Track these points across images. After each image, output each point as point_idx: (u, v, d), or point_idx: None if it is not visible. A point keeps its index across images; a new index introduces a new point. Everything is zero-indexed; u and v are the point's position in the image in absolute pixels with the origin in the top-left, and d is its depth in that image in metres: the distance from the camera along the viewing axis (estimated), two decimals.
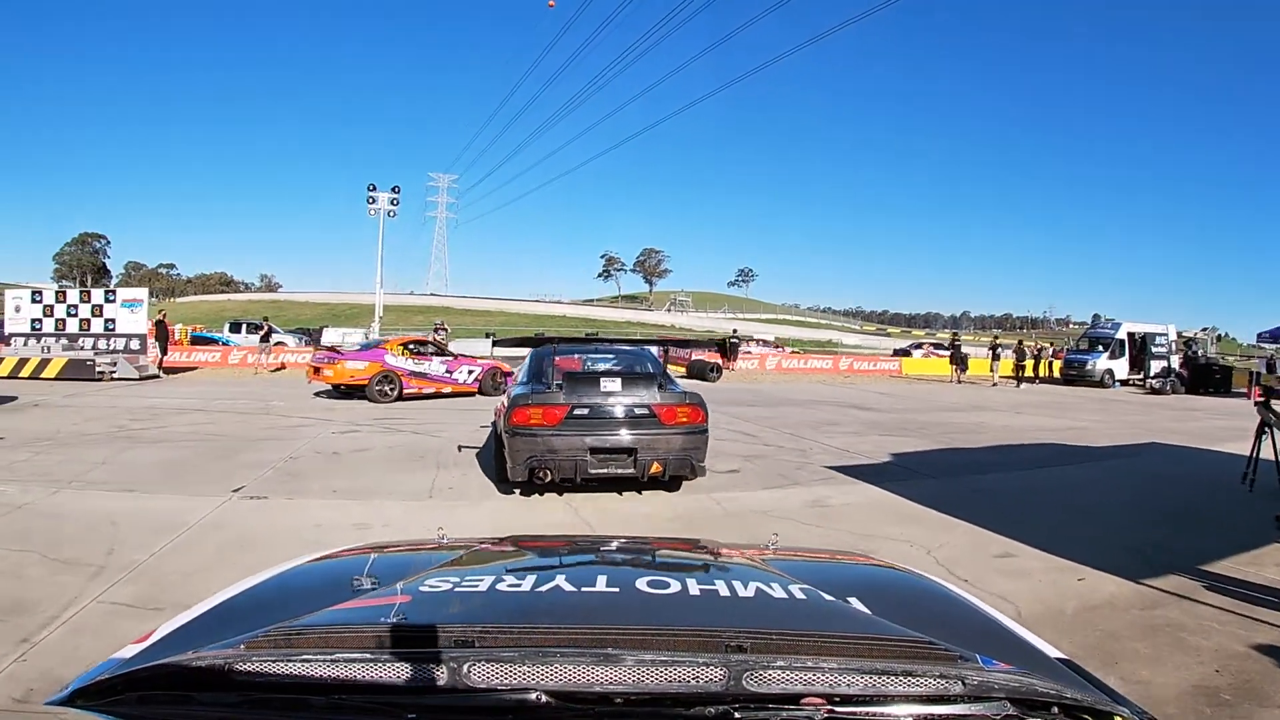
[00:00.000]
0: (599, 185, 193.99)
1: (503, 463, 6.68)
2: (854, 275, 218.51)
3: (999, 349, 26.56)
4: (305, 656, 1.04)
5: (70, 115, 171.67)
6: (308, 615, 1.21)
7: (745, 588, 1.38)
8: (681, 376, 23.80)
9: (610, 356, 7.83)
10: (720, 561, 1.81)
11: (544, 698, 0.96)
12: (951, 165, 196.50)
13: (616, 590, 1.39)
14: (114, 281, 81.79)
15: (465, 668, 0.99)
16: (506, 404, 6.76)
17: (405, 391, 15.02)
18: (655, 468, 6.52)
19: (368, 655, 1.05)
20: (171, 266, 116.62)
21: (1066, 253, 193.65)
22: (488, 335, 46.19)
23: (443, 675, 0.99)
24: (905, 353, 38.49)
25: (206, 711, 1.01)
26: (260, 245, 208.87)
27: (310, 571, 1.69)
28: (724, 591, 1.37)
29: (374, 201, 29.20)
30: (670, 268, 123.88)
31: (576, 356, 7.76)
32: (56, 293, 19.31)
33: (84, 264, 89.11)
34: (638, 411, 6.59)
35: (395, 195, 29.51)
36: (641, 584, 1.38)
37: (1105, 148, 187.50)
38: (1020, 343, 27.89)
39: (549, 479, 6.41)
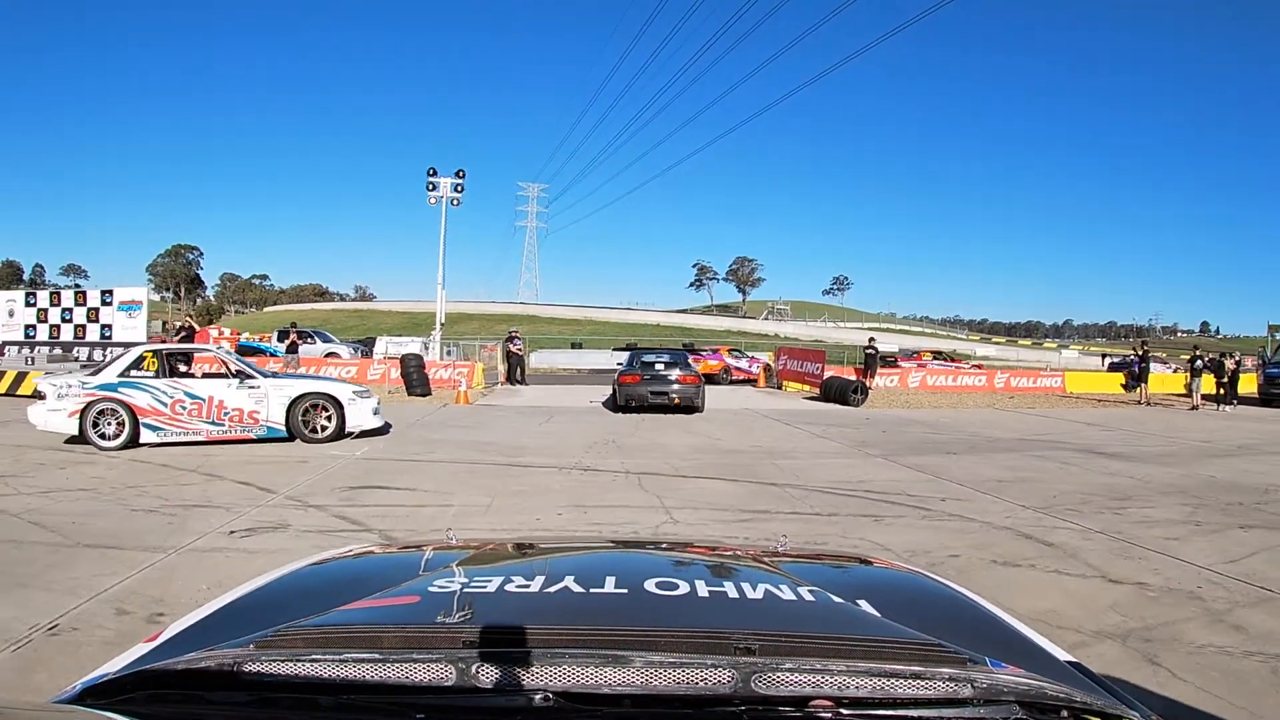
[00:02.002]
0: (688, 195, 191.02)
1: (614, 398, 15.97)
2: (948, 282, 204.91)
3: (1200, 361, 20.11)
4: (314, 656, 1.00)
5: (169, 130, 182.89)
6: (317, 615, 1.18)
7: (754, 589, 1.32)
8: (814, 398, 18.86)
9: (665, 355, 17.14)
10: (729, 563, 1.74)
11: (552, 699, 0.92)
12: (1048, 171, 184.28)
13: (625, 591, 1.31)
14: (209, 292, 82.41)
15: (473, 668, 0.95)
16: (618, 374, 16.38)
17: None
18: (676, 400, 14.93)
19: (376, 655, 0.99)
20: (265, 277, 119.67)
21: (1169, 259, 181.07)
22: (574, 345, 43.14)
23: (451, 676, 0.95)
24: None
25: (216, 711, 0.97)
26: (356, 258, 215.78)
27: (319, 572, 1.63)
28: (733, 593, 1.31)
29: (434, 189, 24.81)
30: (763, 276, 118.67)
31: (648, 355, 17.20)
32: (51, 294, 16.14)
33: (177, 275, 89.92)
34: (672, 377, 15.31)
35: (459, 181, 24.97)
36: (650, 585, 1.31)
37: (1214, 151, 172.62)
38: (1221, 355, 21.31)
39: (632, 405, 15.04)
